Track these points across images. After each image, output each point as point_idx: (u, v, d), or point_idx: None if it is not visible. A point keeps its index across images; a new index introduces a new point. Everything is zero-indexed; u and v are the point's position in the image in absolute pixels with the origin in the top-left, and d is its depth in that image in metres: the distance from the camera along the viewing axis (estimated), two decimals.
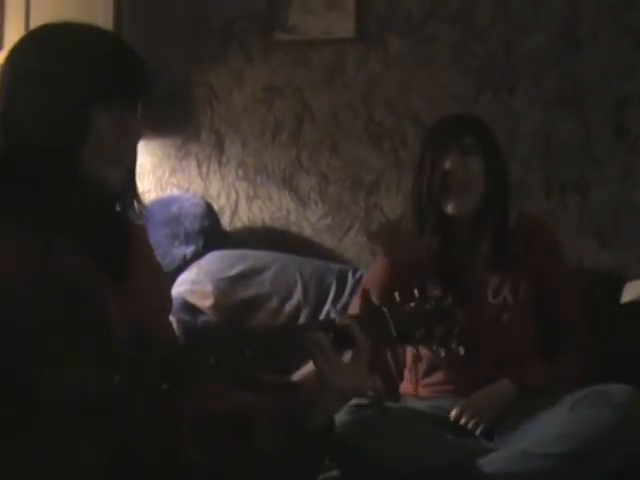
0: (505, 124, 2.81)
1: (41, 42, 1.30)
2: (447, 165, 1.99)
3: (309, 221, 3.03)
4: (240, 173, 3.09)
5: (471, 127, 2.07)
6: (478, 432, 1.90)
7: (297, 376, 2.51)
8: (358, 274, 2.71)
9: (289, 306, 2.68)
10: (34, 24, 2.25)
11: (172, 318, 2.50)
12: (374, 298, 1.54)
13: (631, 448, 1.73)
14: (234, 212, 3.10)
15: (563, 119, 2.77)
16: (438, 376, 2.07)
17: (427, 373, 2.09)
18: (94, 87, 1.24)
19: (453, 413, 1.93)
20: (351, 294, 2.64)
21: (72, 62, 1.25)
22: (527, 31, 2.80)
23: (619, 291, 2.44)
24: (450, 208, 2.01)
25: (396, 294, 1.37)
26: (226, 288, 2.73)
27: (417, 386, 2.10)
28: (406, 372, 2.16)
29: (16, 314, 1.14)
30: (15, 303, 1.15)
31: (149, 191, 3.17)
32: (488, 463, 1.76)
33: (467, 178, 2.00)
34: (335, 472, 1.84)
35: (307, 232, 3.03)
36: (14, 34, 2.70)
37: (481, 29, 2.84)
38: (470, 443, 1.89)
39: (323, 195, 3.01)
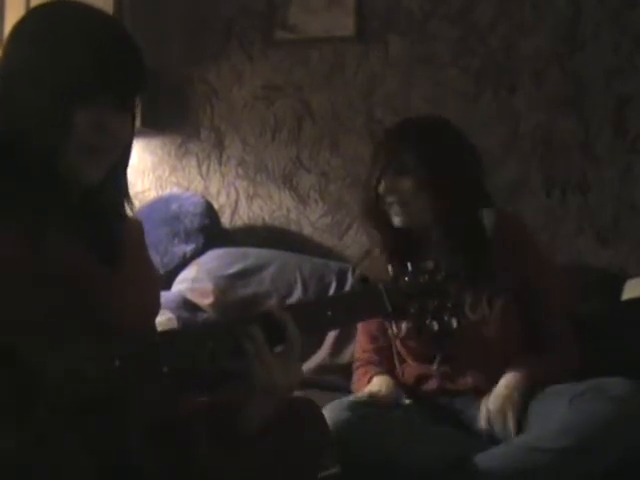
0: (505, 123, 2.82)
1: (35, 31, 1.27)
2: (380, 189, 2.00)
3: (309, 219, 3.03)
4: (240, 171, 3.09)
5: (411, 144, 2.00)
6: (513, 432, 1.86)
7: None
8: (357, 271, 2.71)
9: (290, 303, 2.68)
10: None
11: (172, 316, 2.51)
12: None
13: (631, 442, 1.72)
14: (234, 210, 3.10)
15: (563, 118, 2.78)
16: (428, 386, 2.07)
17: (417, 383, 2.09)
18: (77, 86, 1.21)
19: (482, 425, 1.90)
20: None
21: (60, 58, 1.22)
22: (528, 30, 2.80)
23: (619, 289, 2.45)
24: (394, 223, 2.02)
25: (389, 267, 1.37)
26: (226, 286, 2.73)
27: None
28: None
29: (11, 304, 1.14)
30: (9, 293, 1.15)
31: (149, 189, 3.17)
32: (488, 458, 1.76)
33: (399, 198, 1.99)
34: (335, 469, 1.83)
35: (307, 230, 3.03)
36: None
37: (482, 28, 2.84)
38: (470, 439, 1.89)
39: (323, 193, 3.01)
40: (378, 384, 2.03)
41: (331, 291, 2.69)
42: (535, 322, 2.02)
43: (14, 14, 2.88)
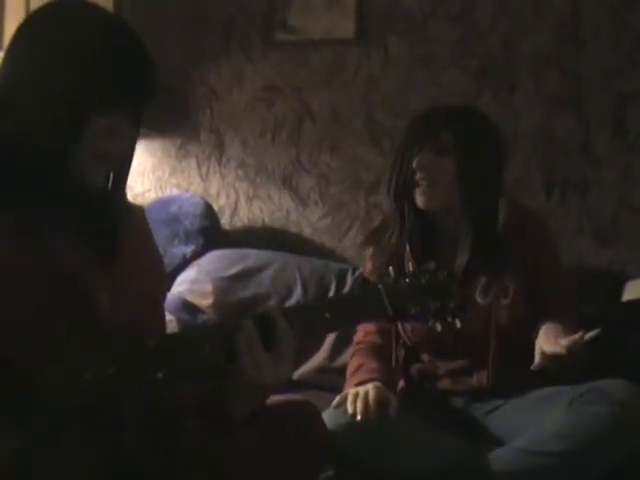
0: (505, 123, 2.80)
1: (47, 35, 1.24)
2: (414, 163, 1.96)
3: (309, 221, 3.03)
4: (240, 173, 3.09)
5: (451, 124, 2.00)
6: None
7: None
8: (357, 273, 2.70)
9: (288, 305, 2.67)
10: None
11: (172, 317, 2.51)
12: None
13: (631, 445, 1.71)
14: (234, 212, 3.10)
15: (563, 118, 2.77)
16: (434, 383, 2.05)
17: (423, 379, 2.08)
18: (93, 94, 1.20)
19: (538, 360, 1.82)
20: None
21: (73, 64, 1.21)
22: (527, 30, 2.80)
23: (619, 290, 2.44)
24: (418, 202, 1.99)
25: (390, 269, 1.36)
26: (225, 287, 2.73)
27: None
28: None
29: (4, 304, 1.13)
30: (5, 293, 1.14)
31: (149, 191, 3.18)
32: (486, 462, 1.75)
33: (432, 176, 1.96)
34: (330, 472, 1.83)
35: (307, 232, 3.03)
36: None
37: (481, 28, 2.84)
38: (467, 443, 1.87)
39: (323, 195, 3.01)
40: (363, 394, 1.88)
41: (331, 292, 2.69)
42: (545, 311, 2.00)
43: (14, 16, 2.89)
